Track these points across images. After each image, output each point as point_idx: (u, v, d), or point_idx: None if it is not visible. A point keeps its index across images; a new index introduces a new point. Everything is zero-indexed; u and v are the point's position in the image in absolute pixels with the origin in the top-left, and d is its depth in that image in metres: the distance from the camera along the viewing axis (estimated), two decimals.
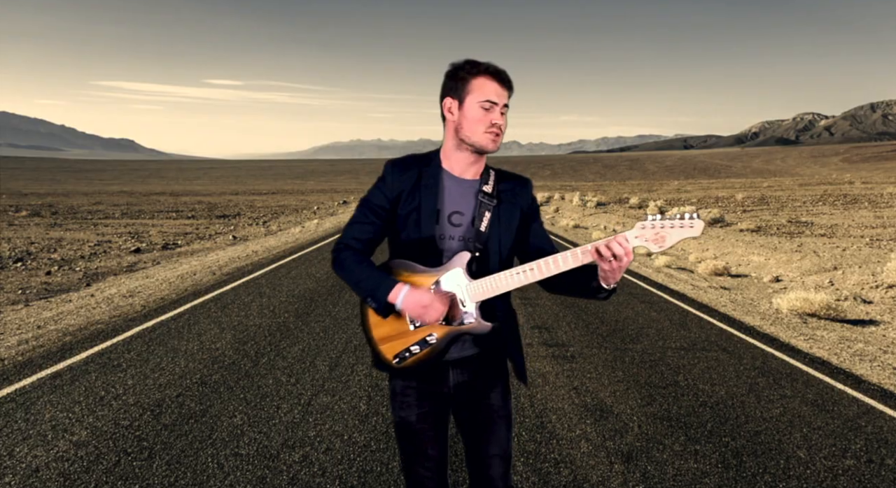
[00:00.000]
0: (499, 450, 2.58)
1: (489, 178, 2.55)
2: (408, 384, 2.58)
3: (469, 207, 2.51)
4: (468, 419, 2.62)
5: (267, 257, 14.57)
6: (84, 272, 12.52)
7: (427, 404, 2.57)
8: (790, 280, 12.12)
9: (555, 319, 8.03)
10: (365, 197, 2.57)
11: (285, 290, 9.91)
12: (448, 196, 2.51)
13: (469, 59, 2.49)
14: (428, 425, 2.58)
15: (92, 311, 8.30)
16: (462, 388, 2.59)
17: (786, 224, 22.86)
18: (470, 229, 2.49)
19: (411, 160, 2.56)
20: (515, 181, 2.62)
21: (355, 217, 2.57)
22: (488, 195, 2.52)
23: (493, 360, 2.62)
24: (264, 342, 6.71)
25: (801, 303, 8.72)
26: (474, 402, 2.60)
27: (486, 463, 2.58)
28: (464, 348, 2.55)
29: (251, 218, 31.39)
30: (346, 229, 2.57)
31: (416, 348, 2.45)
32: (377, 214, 2.52)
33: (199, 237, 20.87)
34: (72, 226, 25.03)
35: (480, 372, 2.59)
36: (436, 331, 2.44)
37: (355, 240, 2.53)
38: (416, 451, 2.59)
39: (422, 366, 2.48)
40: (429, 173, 2.52)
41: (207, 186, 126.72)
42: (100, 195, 69.33)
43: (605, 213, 32.83)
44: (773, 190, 63.85)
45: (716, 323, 8.05)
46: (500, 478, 2.59)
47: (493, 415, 2.59)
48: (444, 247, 2.48)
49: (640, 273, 12.53)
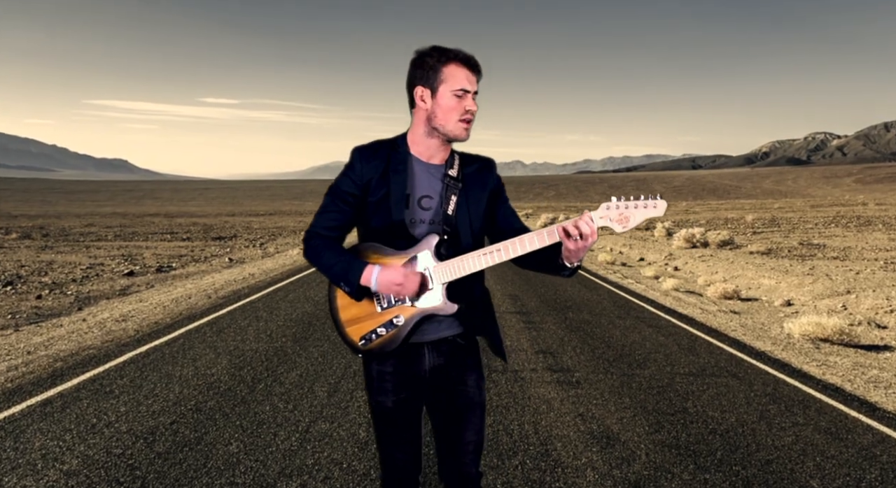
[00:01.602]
0: (473, 437, 2.68)
1: (454, 162, 2.65)
2: (384, 369, 2.66)
3: (437, 192, 2.61)
4: (443, 405, 2.71)
5: (264, 280, 14.59)
6: (76, 296, 12.55)
7: (404, 391, 2.66)
8: (802, 304, 12.11)
9: (560, 344, 8.04)
10: (333, 185, 2.65)
11: (283, 314, 9.93)
12: (418, 181, 2.60)
13: (436, 46, 2.56)
14: (404, 411, 2.68)
15: (84, 336, 8.32)
16: (438, 372, 2.68)
17: (797, 246, 22.88)
18: (438, 212, 2.59)
19: (378, 146, 2.63)
20: (480, 163, 2.72)
21: (325, 205, 2.65)
22: (454, 179, 2.61)
23: (469, 345, 2.73)
24: (261, 367, 6.72)
25: (814, 327, 8.71)
26: (449, 388, 2.69)
27: (459, 450, 2.68)
28: (440, 328, 2.64)
29: (248, 240, 31.47)
30: (316, 217, 2.66)
31: (383, 330, 2.54)
32: (347, 202, 2.61)
33: (195, 259, 20.91)
34: (63, 249, 25.09)
35: (456, 357, 2.70)
36: (403, 312, 2.54)
37: (325, 229, 2.63)
38: (392, 436, 2.68)
39: (387, 347, 2.57)
40: (397, 159, 2.60)
41: (203, 207, 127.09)
42: (92, 216, 69.55)
43: (611, 235, 32.86)
44: (784, 211, 63.92)
45: (725, 348, 8.05)
46: (472, 465, 2.69)
47: (468, 402, 2.69)
48: (414, 232, 2.57)
49: (648, 296, 12.54)
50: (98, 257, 21.54)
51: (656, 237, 29.03)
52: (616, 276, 16.21)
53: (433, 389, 2.71)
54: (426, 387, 2.71)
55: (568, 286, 13.88)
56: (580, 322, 9.60)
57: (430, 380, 2.69)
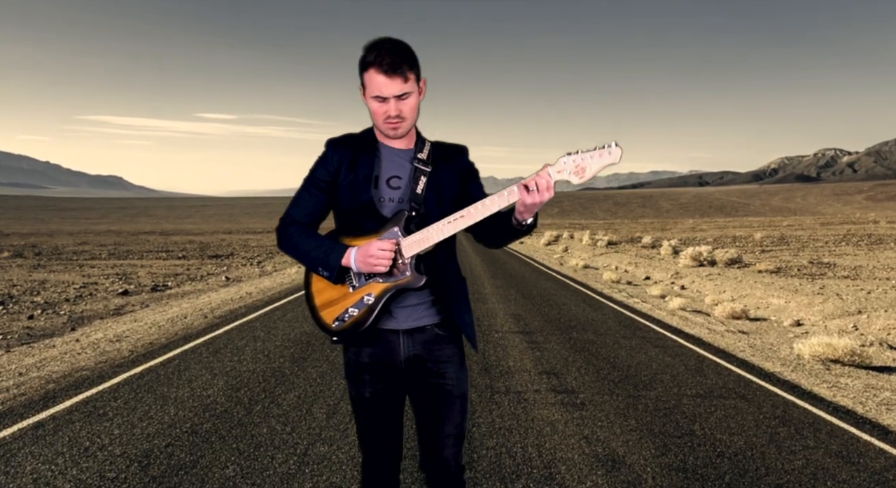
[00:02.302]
0: (453, 430, 2.77)
1: (424, 147, 2.80)
2: (360, 359, 2.77)
3: (406, 173, 2.76)
4: (422, 397, 2.80)
5: (262, 299, 14.61)
6: (69, 316, 12.57)
7: (382, 382, 2.76)
8: (812, 324, 12.11)
9: (564, 364, 8.04)
10: (307, 175, 2.80)
11: (281, 334, 9.94)
12: (385, 163, 2.75)
13: (366, 46, 2.68)
14: (382, 402, 2.78)
15: (77, 357, 8.33)
16: (414, 363, 2.77)
17: (807, 265, 22.89)
18: (407, 191, 2.73)
19: (348, 136, 2.82)
20: (452, 149, 2.87)
21: (299, 193, 2.81)
22: (423, 161, 2.76)
23: (447, 335, 2.80)
24: (258, 388, 6.73)
25: (824, 348, 8.71)
26: (428, 380, 2.77)
27: (439, 442, 2.76)
28: (416, 316, 2.75)
29: (245, 258, 31.51)
30: (290, 206, 2.80)
31: (354, 310, 2.65)
32: (320, 188, 2.77)
33: (191, 278, 20.94)
34: (56, 268, 25.14)
35: (433, 347, 2.77)
36: (372, 290, 2.65)
37: (301, 216, 2.77)
38: (370, 427, 2.79)
39: (359, 327, 2.66)
40: (365, 145, 2.78)
41: (199, 225, 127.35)
42: (86, 234, 69.69)
43: (616, 253, 32.90)
44: (793, 229, 63.96)
45: (733, 369, 8.04)
46: (452, 458, 2.77)
47: (447, 395, 2.78)
48: (384, 210, 2.71)
49: (654, 316, 12.55)
50: (92, 276, 21.58)
51: (662, 255, 29.05)
52: (621, 295, 16.22)
53: (411, 380, 2.80)
54: (404, 378, 2.80)
55: (572, 305, 13.89)
56: (585, 342, 9.60)
57: (406, 371, 2.78)
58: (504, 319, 11.72)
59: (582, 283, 19.39)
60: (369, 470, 2.82)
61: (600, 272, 23.51)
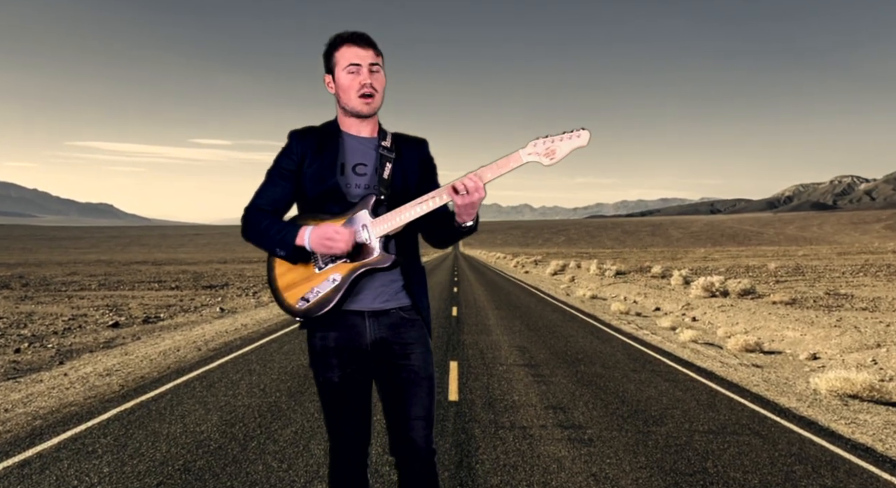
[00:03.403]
0: (421, 412, 2.88)
1: (386, 136, 2.97)
2: (326, 343, 2.88)
3: (371, 160, 2.92)
4: (389, 380, 2.92)
5: (257, 331, 14.62)
6: (57, 349, 12.57)
7: (349, 366, 2.88)
8: (829, 358, 12.08)
9: (571, 399, 8.03)
10: (271, 166, 2.95)
11: (277, 367, 9.94)
12: (349, 150, 2.92)
13: (331, 37, 2.92)
14: (350, 386, 2.89)
15: (65, 392, 8.33)
16: (380, 345, 2.90)
17: (823, 296, 22.85)
18: (374, 177, 2.89)
19: (311, 128, 2.98)
20: (412, 141, 3.05)
21: (263, 184, 2.94)
22: (388, 149, 2.93)
23: (413, 319, 2.95)
24: (254, 424, 6.72)
25: (842, 383, 8.69)
26: (395, 363, 2.90)
27: (407, 425, 2.87)
28: (381, 299, 2.89)
29: (240, 288, 31.53)
30: (254, 196, 2.93)
31: (320, 289, 2.78)
32: (284, 177, 2.91)
33: (184, 309, 20.95)
34: (44, 299, 25.16)
35: (399, 330, 2.91)
36: (339, 270, 2.78)
37: (265, 203, 2.90)
38: (339, 411, 2.90)
39: (324, 306, 2.79)
40: (329, 134, 2.94)
41: (193, 254, 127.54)
42: (75, 265, 69.79)
43: (625, 283, 32.88)
44: (808, 259, 63.91)
45: (747, 404, 8.02)
46: (422, 440, 2.87)
47: (414, 377, 2.90)
48: (350, 196, 2.86)
49: (664, 348, 12.53)
50: (81, 308, 21.59)
51: (673, 285, 29.03)
52: (630, 327, 16.20)
53: (377, 363, 2.92)
54: (370, 361, 2.92)
55: (579, 337, 13.87)
56: (592, 375, 9.59)
57: (373, 354, 2.91)
58: (509, 351, 11.71)
59: (589, 314, 19.38)
60: (337, 456, 2.91)
61: (608, 303, 23.49)
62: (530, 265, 67.77)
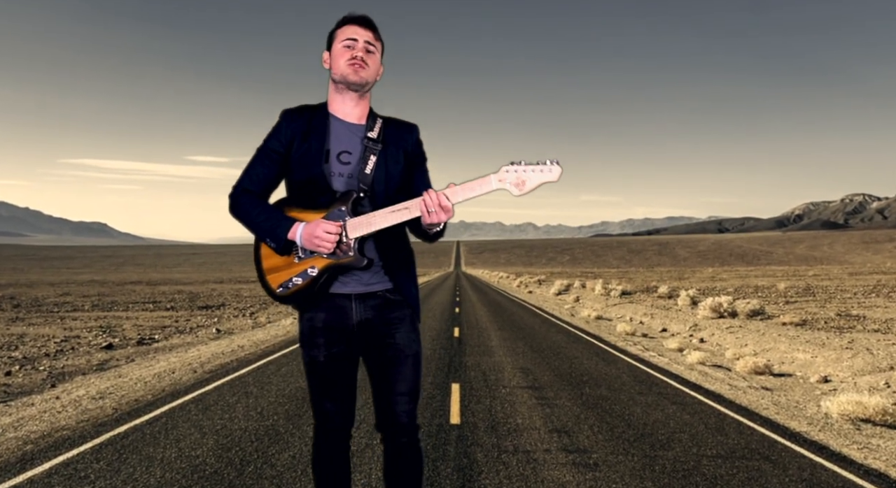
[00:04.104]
0: (405, 389, 3.07)
1: (375, 124, 3.10)
2: (314, 324, 3.07)
3: (356, 149, 3.05)
4: (375, 358, 3.10)
5: (254, 352, 14.62)
6: (49, 372, 12.57)
7: (335, 346, 3.06)
8: (840, 380, 12.06)
9: (575, 422, 8.01)
10: (261, 145, 3.10)
11: (275, 389, 9.93)
12: (335, 137, 3.05)
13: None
14: (335, 365, 3.06)
15: (57, 416, 8.33)
16: (366, 326, 3.07)
17: (834, 317, 22.82)
18: (356, 169, 3.02)
19: (303, 108, 3.11)
20: (402, 126, 3.17)
21: (252, 162, 3.09)
22: (373, 140, 3.05)
23: (399, 300, 3.11)
24: (250, 448, 6.72)
25: (854, 406, 8.67)
26: (380, 341, 3.08)
27: (392, 400, 3.06)
28: (368, 282, 3.06)
29: (237, 309, 31.53)
30: (242, 174, 3.10)
31: (298, 279, 2.97)
32: (272, 158, 3.06)
33: (179, 331, 20.95)
34: (36, 321, 25.16)
35: (385, 311, 3.08)
36: (316, 263, 2.96)
37: (252, 184, 3.07)
38: (323, 389, 3.08)
39: (303, 294, 2.99)
40: (318, 118, 3.07)
41: (189, 274, 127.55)
42: (68, 285, 69.82)
43: (631, 303, 32.84)
44: (819, 279, 63.86)
45: (757, 428, 8.01)
46: (406, 414, 3.07)
47: (398, 354, 3.08)
48: (333, 185, 3.00)
49: (671, 371, 12.51)
50: (74, 329, 21.59)
51: (680, 306, 28.99)
52: (636, 348, 16.19)
53: (364, 343, 3.10)
54: (357, 341, 3.10)
55: (584, 359, 13.86)
56: (597, 398, 9.58)
57: (359, 334, 3.08)
58: (512, 373, 11.70)
59: (594, 335, 19.36)
60: (321, 434, 3.11)
61: (614, 323, 23.46)
62: (534, 285, 67.72)
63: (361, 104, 3.10)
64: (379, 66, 3.08)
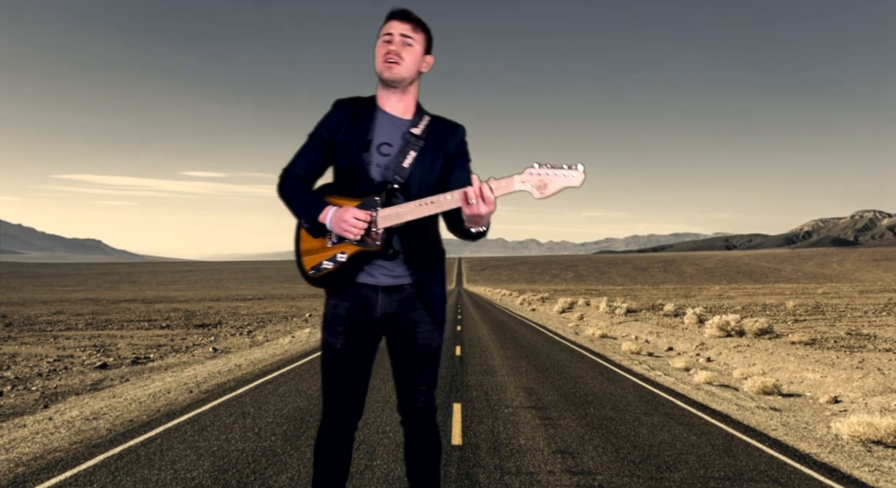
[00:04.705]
0: (424, 383, 3.26)
1: (420, 121, 3.24)
2: (338, 312, 3.22)
3: (397, 142, 3.19)
4: (397, 351, 3.27)
5: (252, 372, 14.60)
6: (41, 392, 12.56)
7: (354, 335, 3.21)
8: (851, 401, 12.03)
9: (580, 443, 8.00)
10: (312, 131, 3.28)
11: (272, 410, 9.92)
12: (379, 129, 3.20)
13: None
14: (351, 354, 3.21)
15: (50, 437, 8.32)
16: (388, 320, 3.22)
17: (845, 336, 22.78)
18: (395, 161, 3.15)
19: (354, 99, 3.29)
20: (447, 126, 3.29)
21: (302, 148, 3.28)
22: (416, 136, 3.18)
23: (421, 296, 3.24)
24: (247, 470, 6.70)
25: (865, 427, 8.65)
26: (402, 337, 3.23)
27: (413, 390, 3.25)
28: (390, 274, 3.20)
29: (234, 327, 31.51)
30: (293, 158, 3.28)
31: (328, 263, 3.14)
32: (320, 145, 3.25)
33: (175, 350, 20.94)
34: (28, 340, 25.15)
35: (409, 305, 3.22)
36: (346, 250, 3.11)
37: (300, 168, 3.25)
38: (335, 376, 3.23)
39: (333, 279, 3.15)
40: (366, 109, 3.24)
41: (185, 292, 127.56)
42: (61, 303, 69.82)
43: (636, 321, 32.80)
44: (828, 297, 63.80)
45: (765, 449, 7.99)
46: (423, 404, 3.27)
47: (417, 355, 3.24)
48: (372, 174, 3.15)
49: (678, 390, 12.49)
50: (67, 348, 21.59)
51: (686, 324, 28.95)
52: (642, 368, 16.16)
53: (387, 336, 3.27)
54: (377, 333, 3.27)
55: (589, 378, 13.84)
56: (602, 418, 9.56)
57: (381, 326, 3.23)
58: (515, 393, 11.68)
59: (599, 354, 19.33)
60: (326, 422, 3.28)
61: (619, 342, 23.43)
62: (537, 302, 67.66)
63: (405, 98, 3.24)
64: (419, 59, 3.19)
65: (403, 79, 3.15)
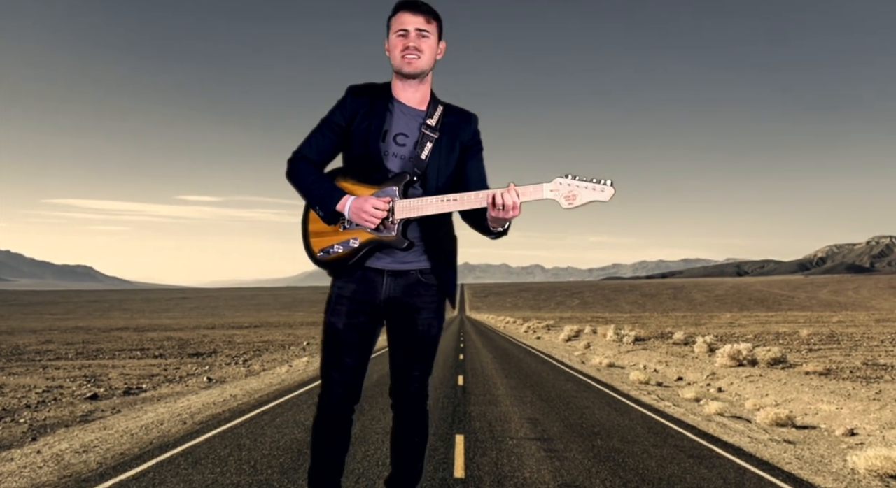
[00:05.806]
0: (419, 368, 3.36)
1: (435, 111, 3.32)
2: (343, 293, 3.31)
3: (413, 133, 3.29)
4: (396, 335, 3.37)
5: (248, 402, 14.58)
6: (30, 424, 12.55)
7: (356, 317, 3.29)
8: (868, 433, 11.99)
9: (586, 476, 7.97)
10: (325, 116, 3.35)
11: (269, 441, 9.90)
12: (395, 119, 3.29)
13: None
14: (352, 336, 3.30)
15: (38, 471, 8.30)
16: (392, 304, 3.31)
17: (861, 366, 22.71)
18: (412, 153, 3.25)
19: (369, 86, 3.35)
20: (460, 115, 3.39)
21: (313, 132, 3.33)
22: (431, 127, 3.28)
23: (429, 282, 3.34)
24: None
25: (883, 461, 8.61)
26: (403, 322, 3.32)
27: (407, 375, 3.36)
28: (403, 260, 3.28)
29: (230, 356, 31.46)
30: (304, 141, 3.35)
31: (339, 248, 3.21)
32: (334, 131, 3.33)
33: (168, 379, 20.91)
34: (16, 370, 25.12)
35: (413, 291, 3.31)
36: (359, 236, 3.19)
37: (311, 152, 3.32)
38: (335, 357, 3.31)
39: (341, 264, 3.23)
40: (382, 98, 3.32)
41: (179, 320, 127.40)
42: (50, 332, 69.74)
43: (644, 350, 32.72)
44: (844, 325, 63.64)
45: (779, 483, 7.97)
46: (416, 389, 3.36)
47: (416, 341, 3.33)
48: (388, 164, 3.26)
49: (687, 421, 12.45)
50: (56, 378, 21.56)
51: (696, 353, 28.88)
52: (650, 398, 16.12)
53: (388, 320, 3.36)
54: (380, 316, 3.35)
55: (595, 409, 13.81)
56: (610, 450, 9.53)
57: (384, 310, 3.33)
58: (519, 424, 11.66)
59: (606, 384, 19.28)
60: (325, 403, 3.35)
61: (627, 371, 23.38)
62: (542, 330, 67.50)
63: (421, 89, 3.32)
64: (436, 49, 3.26)
65: (423, 71, 3.25)
